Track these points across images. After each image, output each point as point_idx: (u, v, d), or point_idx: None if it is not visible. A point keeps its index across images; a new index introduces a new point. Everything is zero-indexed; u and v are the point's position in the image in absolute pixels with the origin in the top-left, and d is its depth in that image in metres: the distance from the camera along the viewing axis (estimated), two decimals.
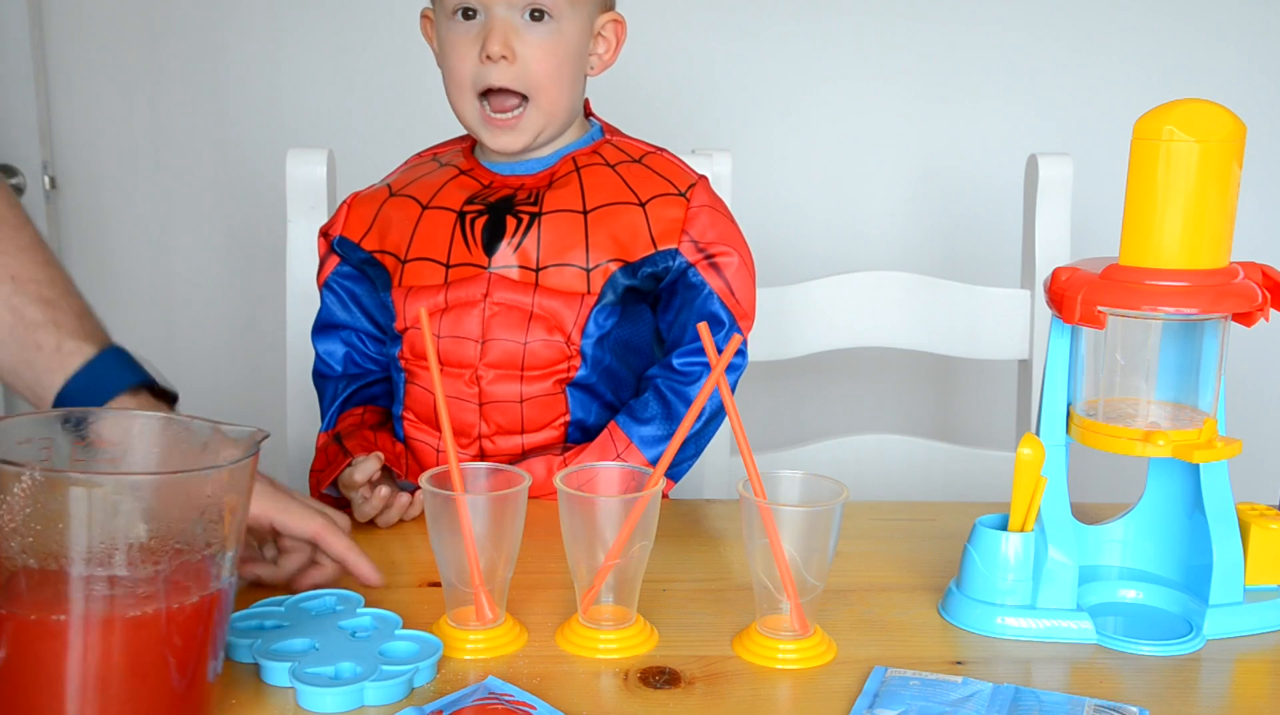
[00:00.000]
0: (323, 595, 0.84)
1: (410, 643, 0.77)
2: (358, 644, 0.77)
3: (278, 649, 0.76)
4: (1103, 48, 1.88)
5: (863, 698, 0.73)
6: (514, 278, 1.09)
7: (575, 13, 1.09)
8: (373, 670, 0.73)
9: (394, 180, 1.18)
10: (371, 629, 0.80)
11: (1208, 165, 0.78)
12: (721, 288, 1.10)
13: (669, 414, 1.10)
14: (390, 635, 0.78)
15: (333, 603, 0.83)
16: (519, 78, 1.07)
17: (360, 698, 0.71)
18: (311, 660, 0.74)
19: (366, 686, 0.71)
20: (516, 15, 1.06)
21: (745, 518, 0.79)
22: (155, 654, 0.63)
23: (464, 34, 1.08)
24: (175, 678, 0.64)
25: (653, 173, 1.13)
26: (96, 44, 1.91)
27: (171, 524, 0.63)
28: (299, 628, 0.79)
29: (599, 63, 1.14)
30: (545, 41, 1.07)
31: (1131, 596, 0.89)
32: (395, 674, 0.73)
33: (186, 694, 0.65)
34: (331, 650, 0.76)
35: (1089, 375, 0.87)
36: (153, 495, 0.63)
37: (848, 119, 1.92)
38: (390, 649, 0.77)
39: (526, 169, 1.13)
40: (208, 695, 0.67)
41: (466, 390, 1.09)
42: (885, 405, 1.99)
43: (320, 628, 0.79)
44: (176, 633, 0.63)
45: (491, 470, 0.83)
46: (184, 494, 0.63)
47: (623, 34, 1.15)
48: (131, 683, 0.62)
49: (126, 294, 2.00)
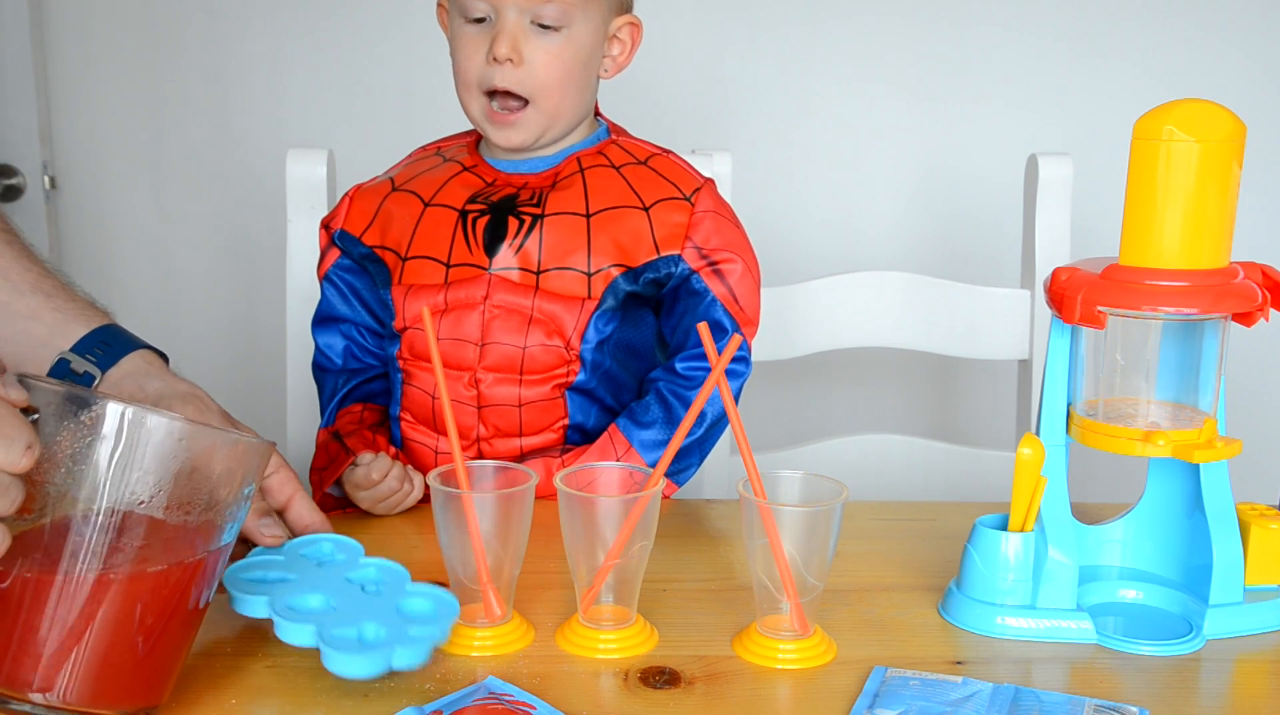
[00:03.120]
0: (318, 541, 0.82)
1: (425, 599, 0.76)
2: (372, 600, 0.76)
3: (294, 606, 0.74)
4: (1103, 48, 1.88)
5: (863, 698, 0.73)
6: (514, 280, 1.08)
7: (587, 19, 1.08)
8: (399, 633, 0.72)
9: (397, 174, 1.17)
10: (380, 582, 0.78)
11: (1208, 165, 0.78)
12: (725, 294, 1.09)
13: (670, 418, 1.09)
14: (401, 590, 0.77)
15: (331, 550, 0.82)
16: (523, 81, 1.07)
17: (389, 661, 0.70)
18: (334, 621, 0.72)
19: (396, 650, 0.70)
20: (526, 20, 1.06)
21: (745, 518, 0.79)
22: (172, 600, 0.67)
23: (474, 34, 1.08)
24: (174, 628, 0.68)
25: (658, 175, 1.12)
26: (96, 44, 1.91)
27: (198, 481, 0.66)
28: (306, 580, 0.77)
29: (613, 64, 1.14)
30: (554, 47, 1.07)
31: (1131, 596, 0.89)
32: (422, 638, 0.72)
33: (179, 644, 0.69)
34: (350, 609, 0.74)
35: (1089, 375, 0.87)
36: (191, 442, 0.65)
37: (848, 119, 1.92)
38: (408, 606, 0.76)
39: (530, 168, 1.13)
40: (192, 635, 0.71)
41: (465, 393, 1.09)
42: (885, 405, 1.99)
43: (328, 581, 0.77)
44: (188, 585, 0.67)
45: (498, 468, 0.83)
46: (210, 456, 0.67)
47: (638, 37, 1.14)
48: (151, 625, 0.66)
49: (126, 294, 2.00)
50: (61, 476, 0.63)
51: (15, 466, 0.61)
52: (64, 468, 0.63)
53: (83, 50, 1.91)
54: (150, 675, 0.68)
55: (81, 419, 0.63)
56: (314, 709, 0.71)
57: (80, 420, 0.63)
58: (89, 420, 0.64)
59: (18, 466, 0.61)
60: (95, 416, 0.64)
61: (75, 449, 0.63)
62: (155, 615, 0.66)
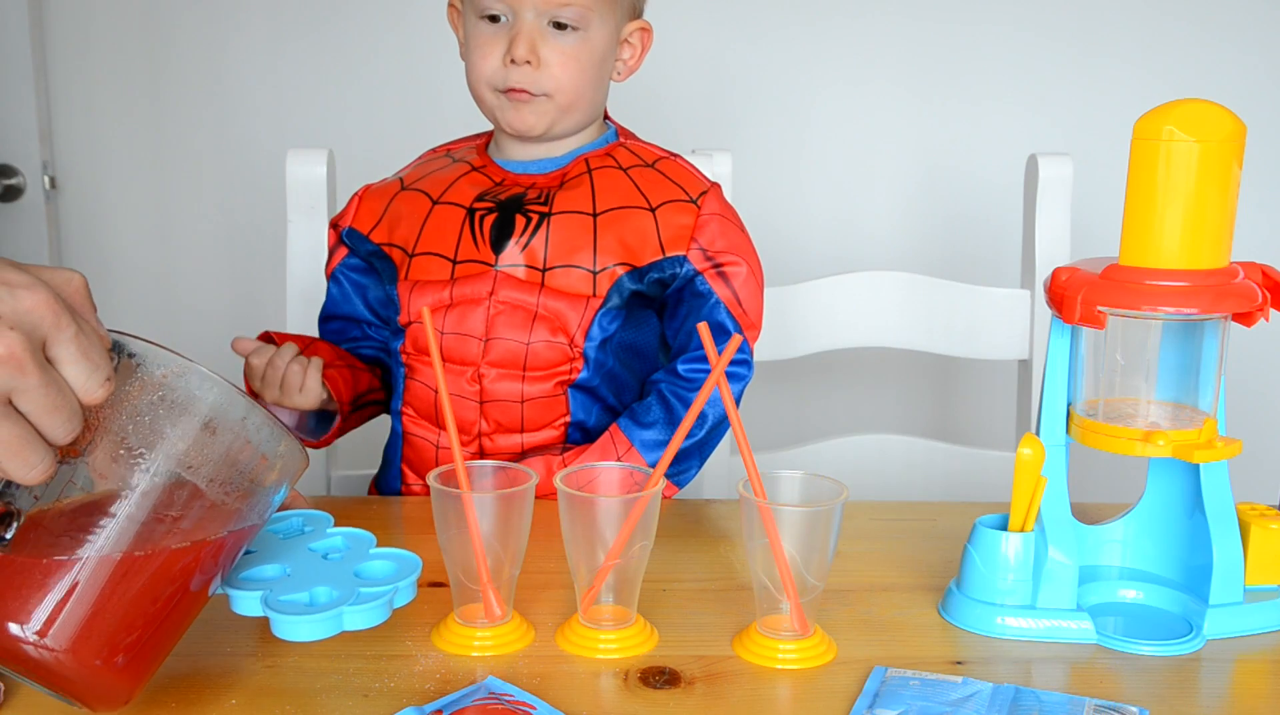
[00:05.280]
0: (289, 517, 0.81)
1: (387, 561, 0.75)
2: (331, 566, 0.74)
3: (247, 577, 0.72)
4: (1103, 48, 1.89)
5: (863, 698, 0.73)
6: (520, 277, 1.09)
7: (603, 21, 1.09)
8: (350, 594, 0.70)
9: (406, 174, 1.18)
10: (344, 549, 0.77)
11: (1208, 165, 0.78)
12: (729, 297, 1.09)
13: (671, 419, 1.09)
14: (365, 555, 0.76)
15: (299, 524, 0.80)
16: (539, 82, 1.08)
17: (339, 623, 0.69)
18: (284, 587, 0.71)
19: (345, 611, 0.69)
20: (544, 22, 1.07)
21: (745, 518, 0.79)
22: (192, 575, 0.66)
23: (491, 35, 1.09)
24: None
25: (665, 178, 1.12)
26: (96, 44, 1.91)
27: (243, 462, 0.66)
28: (267, 553, 0.76)
29: (624, 68, 1.15)
30: (570, 48, 1.08)
31: (1131, 596, 0.89)
32: (374, 596, 0.70)
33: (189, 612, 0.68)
34: (304, 575, 0.73)
35: (1089, 375, 0.87)
36: (249, 418, 0.66)
37: (848, 119, 1.92)
38: (366, 569, 0.74)
39: (539, 168, 1.13)
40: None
41: (468, 388, 1.09)
42: (885, 405, 1.99)
43: (289, 551, 0.76)
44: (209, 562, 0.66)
45: (497, 468, 0.83)
46: (258, 440, 0.67)
47: (649, 41, 1.16)
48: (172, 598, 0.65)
49: (126, 294, 2.00)
50: (119, 425, 0.63)
51: (91, 395, 0.60)
52: (124, 416, 0.63)
53: (83, 50, 1.91)
54: (141, 651, 0.66)
55: (156, 374, 0.64)
56: (314, 709, 0.71)
57: (154, 376, 0.64)
58: (162, 376, 0.64)
59: (94, 396, 0.60)
60: (167, 374, 0.64)
61: (142, 402, 0.63)
62: (169, 587, 0.65)
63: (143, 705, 0.70)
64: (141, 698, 0.71)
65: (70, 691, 0.63)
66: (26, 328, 0.57)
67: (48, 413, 0.59)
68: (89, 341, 0.60)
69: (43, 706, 0.69)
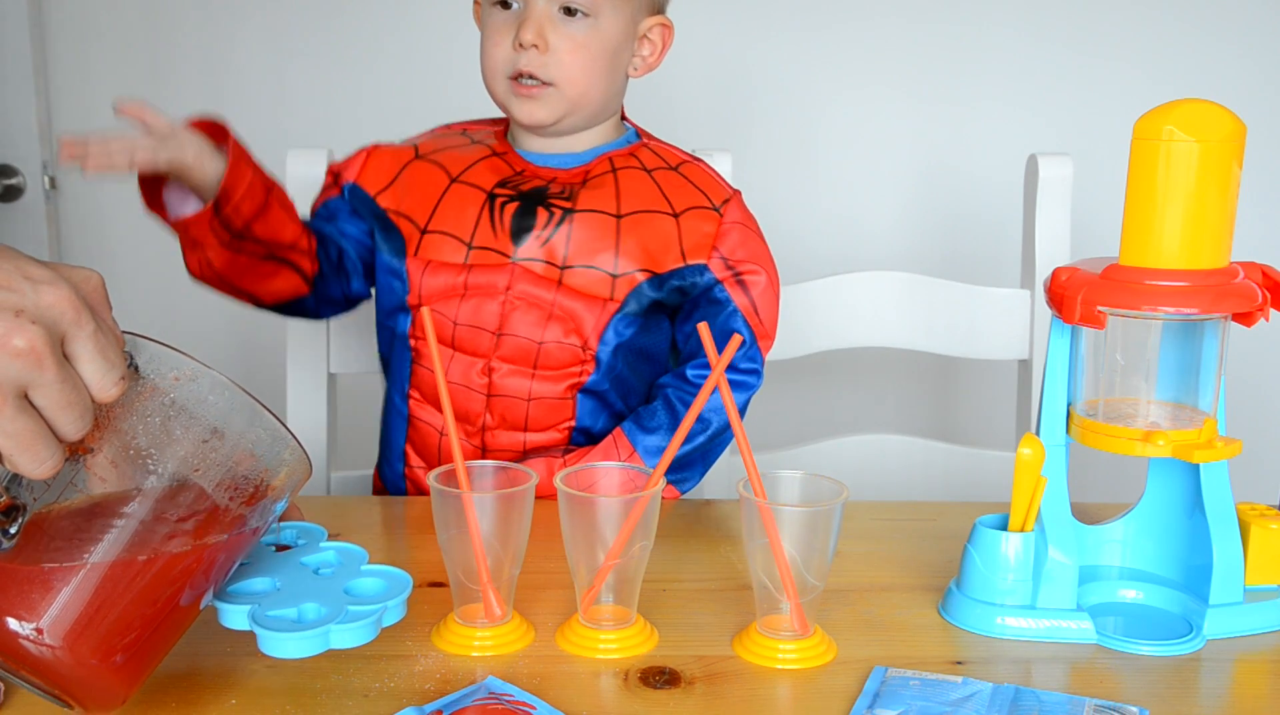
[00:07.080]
0: (282, 530, 0.80)
1: (378, 579, 0.75)
2: (321, 582, 0.74)
3: (236, 590, 0.72)
4: (1103, 48, 1.88)
5: (863, 698, 0.73)
6: (538, 272, 1.08)
7: (616, 11, 1.08)
8: (338, 611, 0.70)
9: (421, 143, 1.16)
10: (336, 565, 0.77)
11: (1208, 165, 0.78)
12: (746, 306, 1.09)
13: (675, 424, 1.09)
14: (356, 571, 0.75)
15: (292, 536, 0.80)
16: (547, 67, 1.07)
17: (325, 641, 0.68)
18: (272, 602, 0.71)
19: (332, 629, 0.68)
20: (555, 8, 1.07)
21: (745, 518, 0.79)
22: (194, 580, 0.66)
23: (502, 21, 1.08)
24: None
25: (688, 183, 1.12)
26: (96, 44, 1.91)
27: (244, 465, 0.67)
28: (258, 566, 0.75)
29: (642, 64, 1.14)
30: (580, 35, 1.07)
31: (1131, 596, 0.89)
32: (362, 614, 0.70)
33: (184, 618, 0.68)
34: (294, 590, 0.72)
35: (1089, 375, 0.87)
36: (255, 421, 0.66)
37: (848, 119, 1.92)
38: (356, 586, 0.74)
39: (561, 163, 1.12)
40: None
41: (477, 380, 1.08)
42: (885, 405, 1.99)
43: (280, 565, 0.75)
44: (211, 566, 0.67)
45: (498, 468, 0.83)
46: (263, 445, 0.67)
47: (669, 39, 1.14)
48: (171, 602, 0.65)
49: (126, 294, 1.99)
50: (129, 425, 0.63)
51: (105, 393, 0.60)
52: (134, 417, 0.63)
53: (83, 50, 1.91)
54: (139, 652, 0.65)
55: (167, 377, 0.64)
56: (314, 709, 0.71)
57: (165, 378, 0.64)
58: (174, 379, 0.64)
59: (108, 394, 0.60)
60: (179, 377, 0.64)
61: (151, 404, 0.64)
62: (169, 589, 0.65)
63: (142, 705, 0.70)
64: (141, 697, 0.71)
65: (66, 690, 0.63)
66: (47, 322, 0.58)
67: (62, 409, 0.59)
68: (106, 340, 0.60)
69: (43, 707, 0.69)
